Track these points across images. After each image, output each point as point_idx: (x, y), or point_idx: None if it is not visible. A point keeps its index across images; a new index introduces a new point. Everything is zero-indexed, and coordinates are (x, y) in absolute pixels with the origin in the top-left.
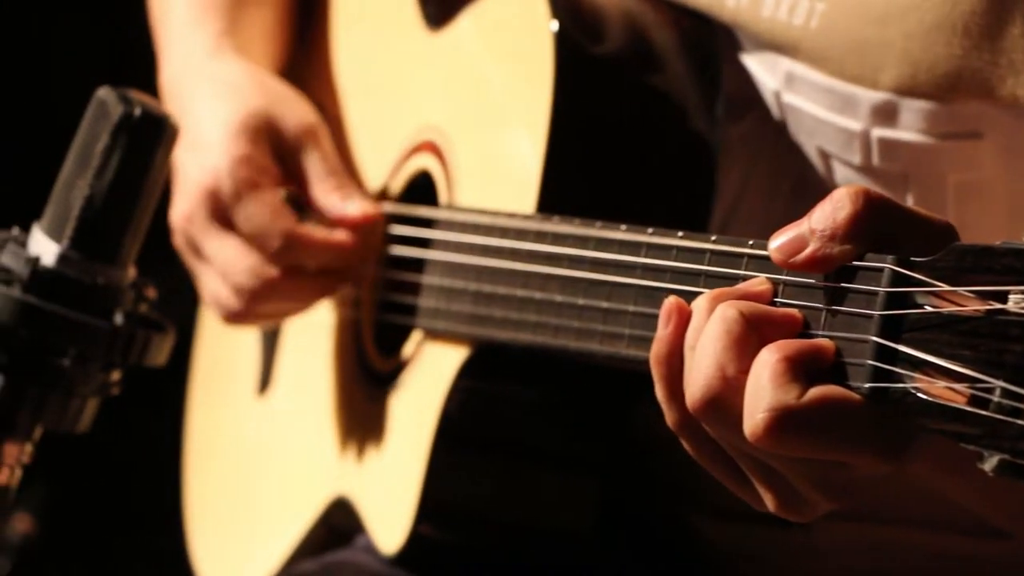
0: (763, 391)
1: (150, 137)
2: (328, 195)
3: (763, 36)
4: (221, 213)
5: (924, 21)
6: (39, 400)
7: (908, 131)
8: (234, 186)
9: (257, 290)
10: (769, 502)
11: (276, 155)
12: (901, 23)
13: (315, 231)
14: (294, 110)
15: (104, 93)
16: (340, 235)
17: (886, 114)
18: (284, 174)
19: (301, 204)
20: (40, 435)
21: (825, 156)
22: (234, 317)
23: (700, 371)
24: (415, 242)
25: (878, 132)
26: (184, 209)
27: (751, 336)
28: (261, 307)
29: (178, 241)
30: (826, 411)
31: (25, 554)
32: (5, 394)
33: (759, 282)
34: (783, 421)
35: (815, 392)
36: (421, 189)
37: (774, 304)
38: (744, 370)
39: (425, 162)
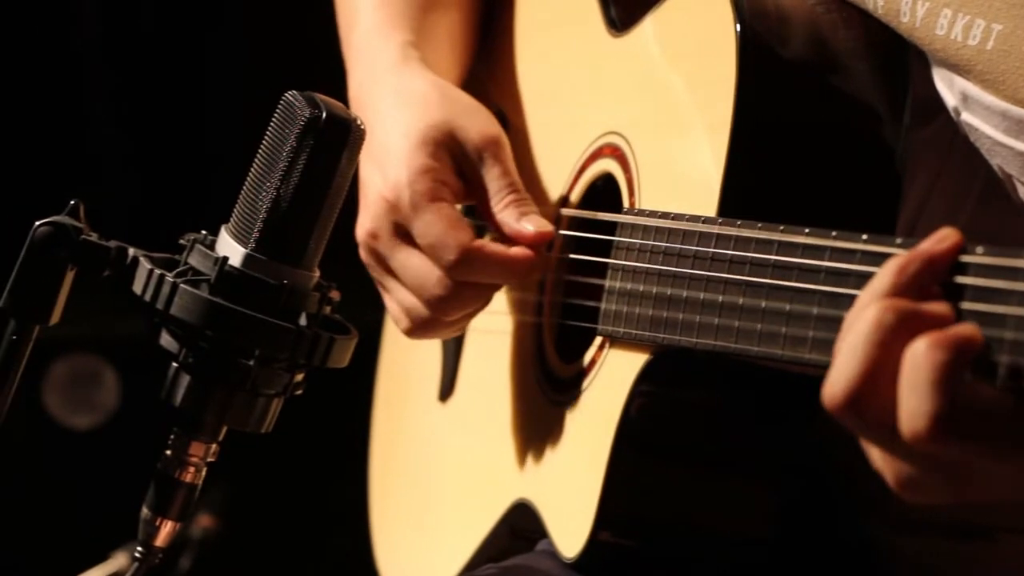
0: (924, 389)
1: (336, 140)
2: (505, 210)
3: (937, 54)
4: (401, 227)
5: None
6: (225, 400)
7: None
8: (413, 198)
9: (446, 298)
10: (890, 479)
11: (457, 167)
12: None
13: (490, 246)
14: (477, 122)
15: (292, 96)
16: (516, 250)
17: None
18: (464, 186)
19: (481, 217)
20: (225, 434)
21: (1006, 175)
22: (424, 327)
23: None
24: (597, 246)
25: None
26: (368, 225)
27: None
28: (448, 316)
29: (364, 256)
30: (987, 414)
31: (206, 551)
32: (192, 394)
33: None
34: (947, 425)
35: (977, 394)
36: (602, 194)
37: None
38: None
39: (607, 166)
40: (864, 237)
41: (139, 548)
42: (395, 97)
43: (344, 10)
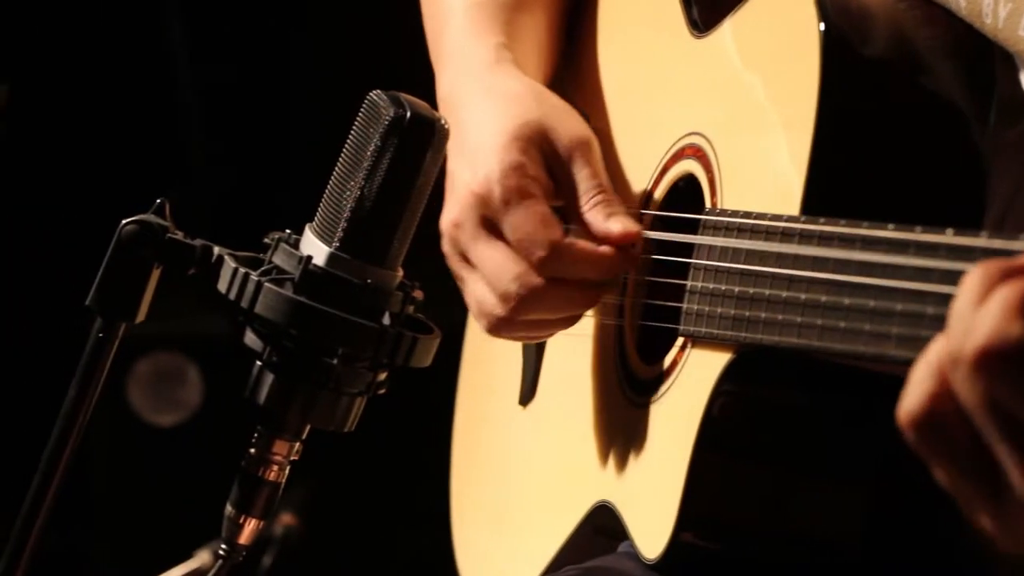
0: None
1: (420, 139)
2: (592, 210)
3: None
4: (489, 220)
5: None
6: (308, 399)
7: None
8: (504, 193)
9: (523, 296)
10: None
11: (547, 166)
12: None
13: (580, 243)
14: (568, 123)
15: (376, 96)
16: (604, 248)
17: None
18: (553, 185)
19: (567, 217)
20: (308, 433)
21: None
22: (498, 325)
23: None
24: (679, 247)
25: None
26: (454, 215)
27: None
28: (524, 315)
29: (446, 247)
30: None
31: (288, 549)
32: (275, 393)
33: None
34: None
35: None
36: (684, 194)
37: None
38: None
39: (689, 167)
40: (950, 231)
41: (223, 546)
42: (488, 94)
43: (432, 13)
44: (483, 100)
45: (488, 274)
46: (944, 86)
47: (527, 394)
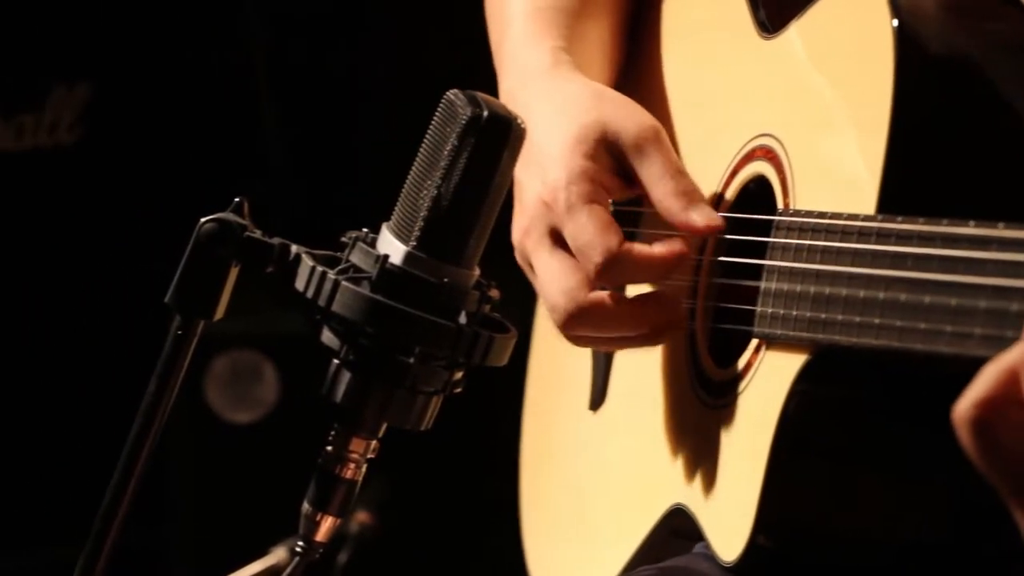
0: None
1: (497, 139)
2: (668, 198)
3: None
4: (555, 229)
5: None
6: (385, 397)
7: None
8: (568, 200)
9: (570, 311)
10: None
11: (615, 165)
12: None
13: (636, 248)
14: (631, 115)
15: (453, 95)
16: (660, 248)
17: None
18: (625, 184)
19: (640, 211)
20: (384, 431)
21: None
22: (563, 333)
23: None
24: (751, 248)
25: None
26: (523, 225)
27: None
28: (573, 331)
29: (518, 256)
30: None
31: (363, 546)
32: (352, 391)
33: None
34: None
35: None
36: (756, 196)
37: None
38: None
39: (760, 168)
40: None
41: (299, 543)
42: (547, 100)
43: (495, 18)
44: (543, 106)
45: (543, 284)
46: (1022, 83)
47: (597, 399)
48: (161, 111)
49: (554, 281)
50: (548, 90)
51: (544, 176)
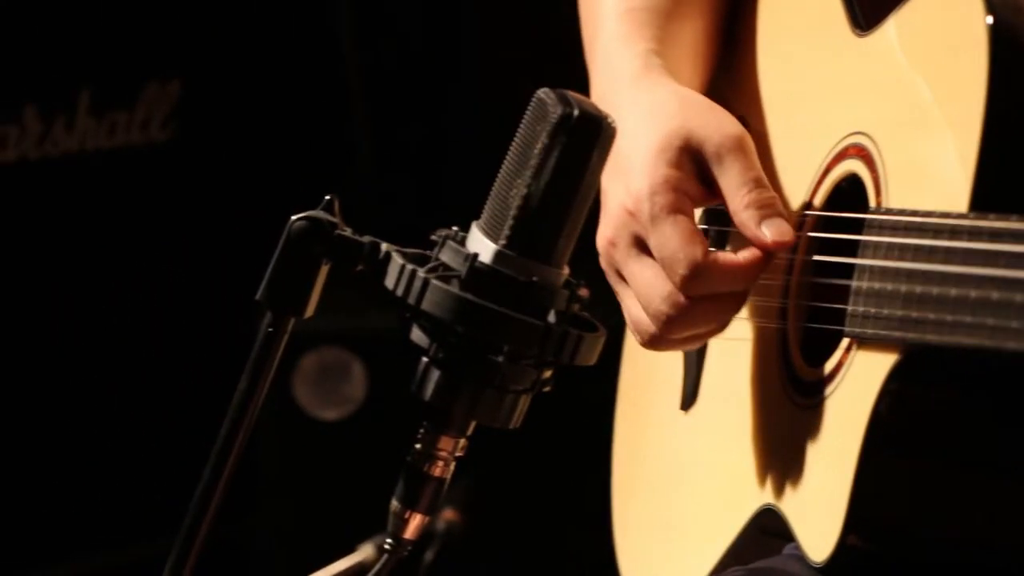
0: None
1: (588, 138)
2: (745, 211)
3: None
4: (640, 238)
5: None
6: (474, 396)
7: None
8: (652, 209)
9: (672, 316)
10: None
11: (699, 172)
12: None
13: (721, 259)
14: (715, 122)
15: (544, 94)
16: (745, 256)
17: None
18: (708, 191)
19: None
20: (472, 429)
21: None
22: (652, 341)
23: None
24: (844, 247)
25: None
26: (609, 233)
27: None
28: (676, 333)
29: (603, 263)
30: None
31: (450, 545)
32: (441, 389)
33: None
34: None
35: None
36: (848, 194)
37: None
38: None
39: (852, 167)
40: None
41: (388, 540)
42: (635, 106)
43: (588, 17)
44: (630, 112)
45: (640, 293)
46: None
47: (689, 399)
48: (252, 108)
49: (651, 288)
50: (636, 96)
51: (628, 185)
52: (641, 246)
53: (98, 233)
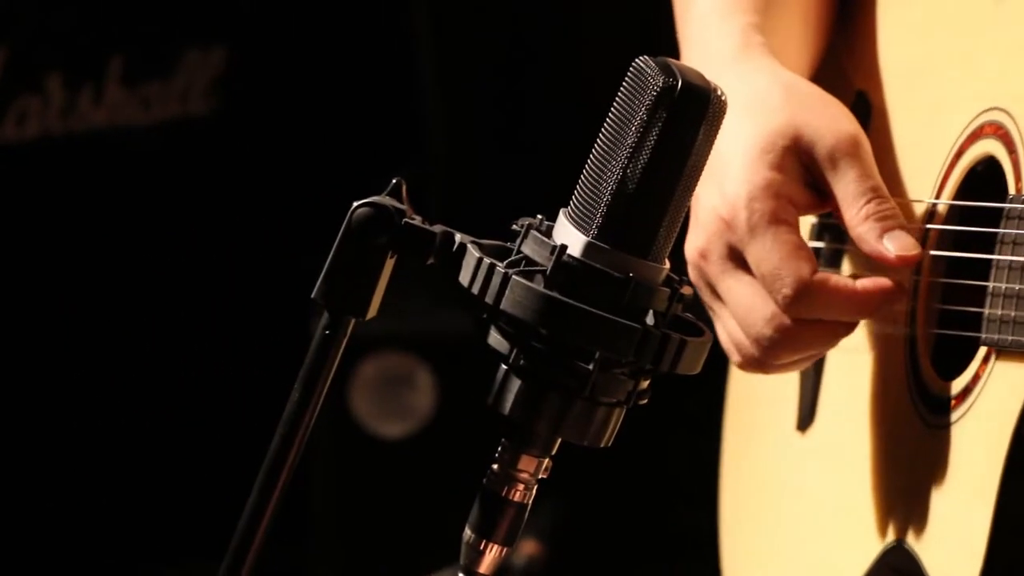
0: None
1: (693, 112)
2: (863, 224)
3: None
4: (735, 250)
5: None
6: (560, 409)
7: None
8: (750, 219)
9: (777, 340)
10: None
11: (806, 176)
12: None
13: (834, 279)
14: (828, 120)
15: (643, 62)
16: (865, 283)
17: None
18: (817, 197)
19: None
20: (558, 448)
21: None
22: (753, 365)
23: None
24: (979, 242)
25: None
26: (699, 244)
27: None
28: (779, 359)
29: (693, 275)
30: None
31: None
32: (523, 401)
33: None
34: None
35: None
36: (984, 179)
37: None
38: None
39: (989, 148)
40: None
41: (461, 574)
42: (732, 96)
43: None
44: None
45: (737, 313)
46: None
47: (805, 418)
48: (305, 79)
49: (751, 309)
50: (734, 84)
51: (723, 188)
52: (737, 259)
53: (129, 220)
